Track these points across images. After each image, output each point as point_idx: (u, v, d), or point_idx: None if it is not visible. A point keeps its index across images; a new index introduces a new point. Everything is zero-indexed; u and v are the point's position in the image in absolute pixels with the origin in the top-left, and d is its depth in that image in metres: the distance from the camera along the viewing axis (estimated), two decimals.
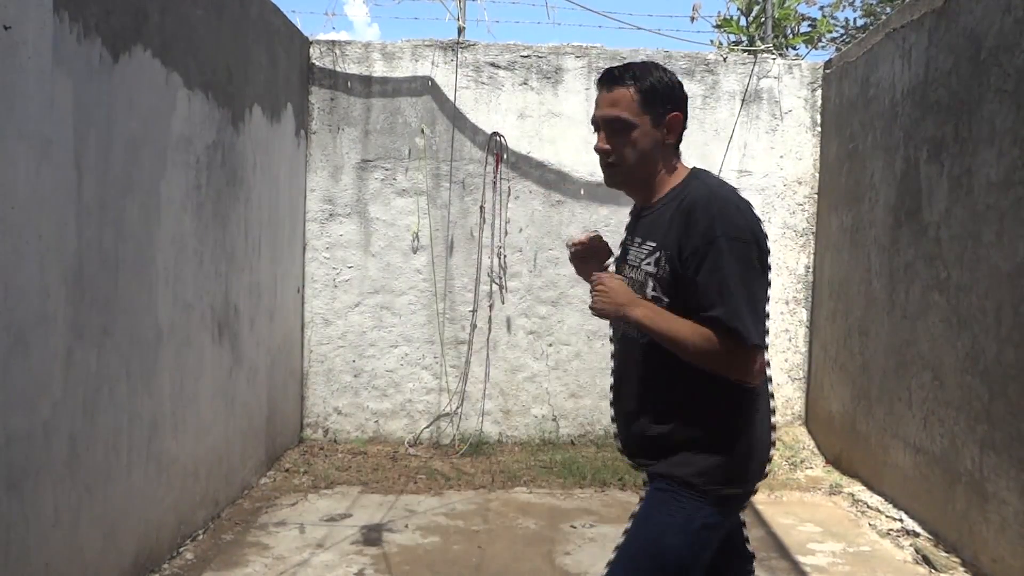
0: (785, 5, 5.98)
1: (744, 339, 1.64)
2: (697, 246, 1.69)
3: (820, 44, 8.14)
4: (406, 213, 5.24)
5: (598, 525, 3.95)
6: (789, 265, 5.39)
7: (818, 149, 5.35)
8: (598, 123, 1.86)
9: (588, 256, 1.99)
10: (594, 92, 5.25)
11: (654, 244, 1.79)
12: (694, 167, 1.94)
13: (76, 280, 2.58)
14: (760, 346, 1.67)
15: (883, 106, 4.35)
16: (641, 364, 1.86)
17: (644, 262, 1.81)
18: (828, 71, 5.27)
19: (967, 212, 3.48)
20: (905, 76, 4.11)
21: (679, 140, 1.91)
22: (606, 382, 5.34)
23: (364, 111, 5.24)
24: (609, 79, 1.84)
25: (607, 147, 1.84)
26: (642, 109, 1.81)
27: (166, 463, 3.28)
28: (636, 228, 1.91)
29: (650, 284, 1.77)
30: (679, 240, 1.72)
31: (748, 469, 1.81)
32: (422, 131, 5.22)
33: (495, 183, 5.25)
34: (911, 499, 3.92)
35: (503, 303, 5.29)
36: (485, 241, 5.26)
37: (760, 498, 4.46)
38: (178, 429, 3.38)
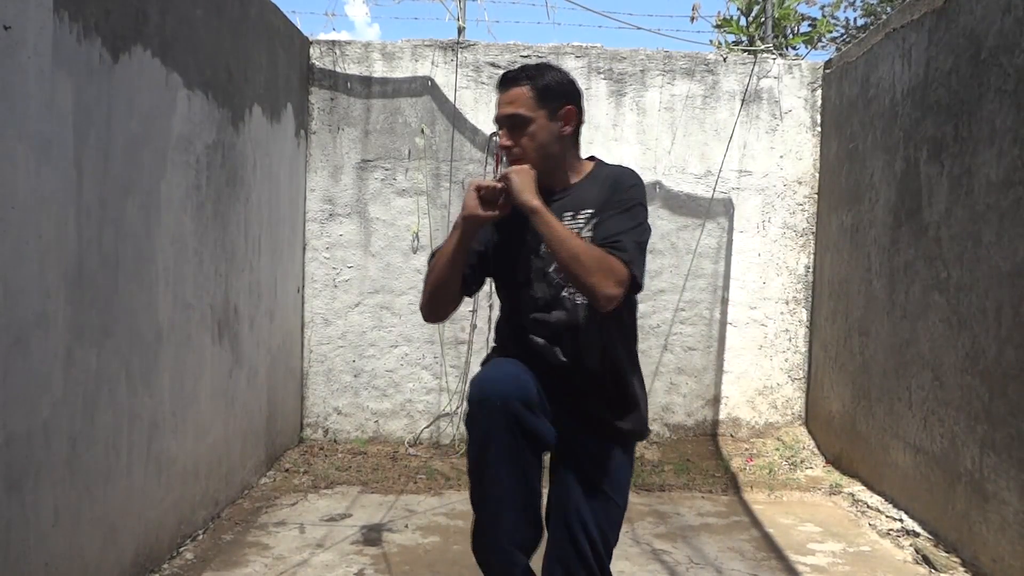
0: (785, 5, 5.98)
1: (628, 263, 1.88)
2: (622, 199, 1.96)
3: (820, 44, 8.14)
4: (406, 213, 5.25)
5: None
6: (789, 265, 5.39)
7: (818, 149, 5.35)
8: (500, 122, 2.00)
9: (492, 200, 1.99)
10: (594, 92, 5.29)
11: (590, 212, 1.99)
12: (593, 156, 2.16)
13: (76, 280, 2.58)
14: (638, 281, 1.92)
15: (883, 106, 4.35)
16: (587, 325, 2.01)
17: (583, 230, 1.98)
18: (828, 71, 5.27)
19: (967, 212, 3.48)
20: (905, 76, 4.11)
21: (577, 131, 2.09)
22: None
23: (364, 111, 5.24)
24: (506, 81, 2.01)
25: (509, 143, 1.99)
26: (538, 105, 1.97)
27: (166, 463, 3.28)
28: (555, 207, 1.99)
29: None
30: (607, 199, 1.96)
31: None
32: (422, 131, 5.23)
33: None
34: (911, 499, 3.92)
35: None
36: None
37: (760, 498, 4.47)
38: (178, 429, 3.38)
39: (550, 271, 2.00)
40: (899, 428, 4.05)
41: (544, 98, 1.98)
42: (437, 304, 2.12)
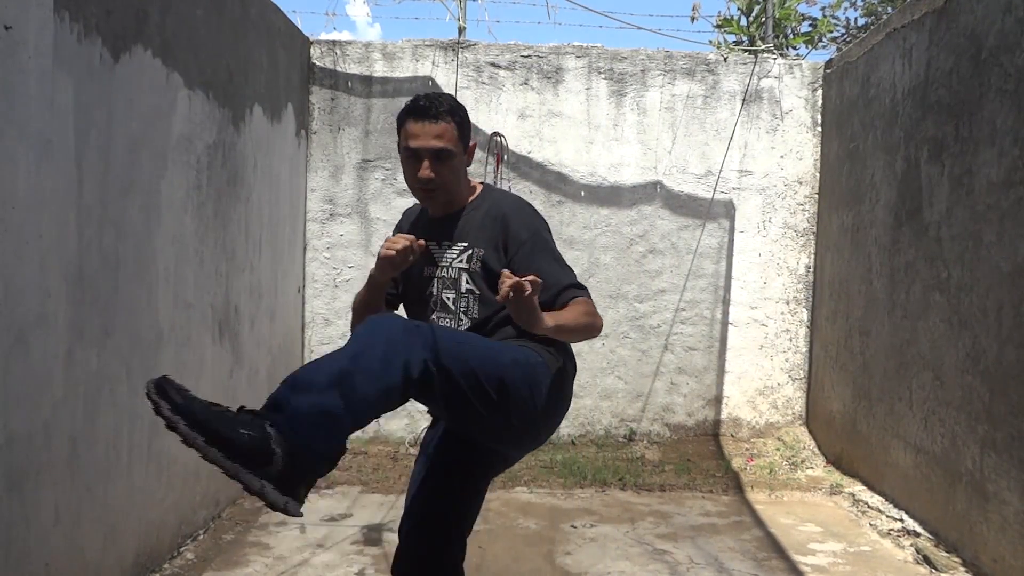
0: (786, 5, 5.98)
1: (583, 291, 2.02)
2: (521, 240, 2.02)
3: (821, 44, 8.12)
4: None
5: (598, 525, 3.95)
6: (789, 265, 5.39)
7: (819, 149, 5.35)
8: (421, 153, 2.01)
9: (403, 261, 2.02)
10: (594, 92, 5.29)
11: (464, 244, 2.06)
12: (483, 182, 2.23)
13: (76, 280, 2.58)
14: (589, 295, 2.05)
15: (884, 106, 4.35)
16: (479, 310, 2.05)
17: (456, 260, 2.06)
18: (829, 71, 5.26)
19: (968, 212, 3.48)
20: (906, 76, 4.11)
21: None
22: (607, 381, 5.34)
23: (365, 111, 5.24)
24: (432, 113, 2.02)
25: (432, 174, 2.01)
26: (458, 140, 2.04)
27: (166, 463, 3.28)
28: (439, 233, 2.10)
29: (464, 278, 2.04)
30: (498, 239, 2.02)
31: None
32: None
33: (495, 183, 5.25)
34: (912, 499, 3.92)
35: None
36: None
37: (760, 498, 4.47)
38: None
39: (426, 293, 2.09)
40: (900, 428, 4.04)
41: (462, 135, 2.07)
42: None
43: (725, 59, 5.37)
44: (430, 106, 2.03)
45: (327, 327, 5.25)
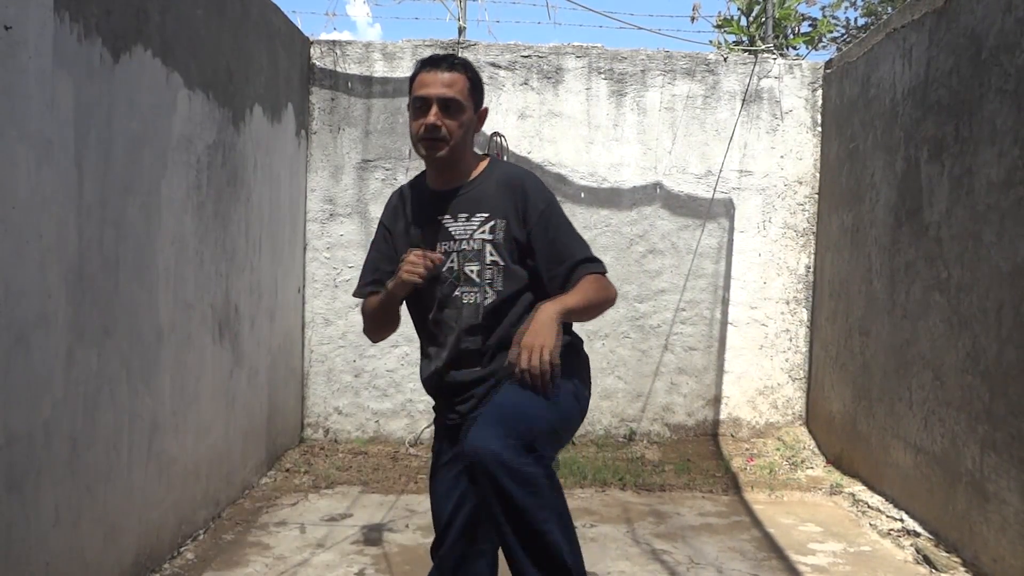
0: (786, 5, 5.98)
1: (604, 267, 2.05)
2: (539, 210, 2.01)
3: (821, 44, 8.13)
4: None
5: (598, 525, 3.95)
6: (789, 265, 5.39)
7: (819, 149, 5.35)
8: (430, 100, 1.96)
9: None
10: (594, 92, 5.29)
11: (485, 215, 2.02)
12: (487, 154, 2.19)
13: (77, 280, 2.58)
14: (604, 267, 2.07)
15: (884, 106, 4.35)
16: (484, 326, 2.04)
17: (478, 231, 2.01)
18: (829, 71, 5.26)
19: (968, 212, 3.48)
20: (906, 76, 4.11)
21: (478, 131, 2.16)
22: (606, 381, 5.34)
23: (365, 111, 5.24)
24: (444, 63, 2.00)
25: (438, 123, 1.96)
26: (469, 96, 2.01)
27: (167, 463, 3.28)
28: (452, 206, 2.05)
29: (488, 250, 2.00)
30: (516, 209, 2.00)
31: None
32: None
33: None
34: (912, 499, 3.92)
35: None
36: None
37: (761, 498, 4.47)
38: (179, 429, 3.39)
39: (444, 270, 2.04)
40: (900, 428, 4.05)
41: (474, 92, 2.04)
42: (383, 337, 2.32)
43: (725, 59, 5.37)
44: (443, 58, 2.02)
45: (327, 327, 5.25)
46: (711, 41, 6.98)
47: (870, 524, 4.01)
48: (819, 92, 5.34)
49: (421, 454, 5.06)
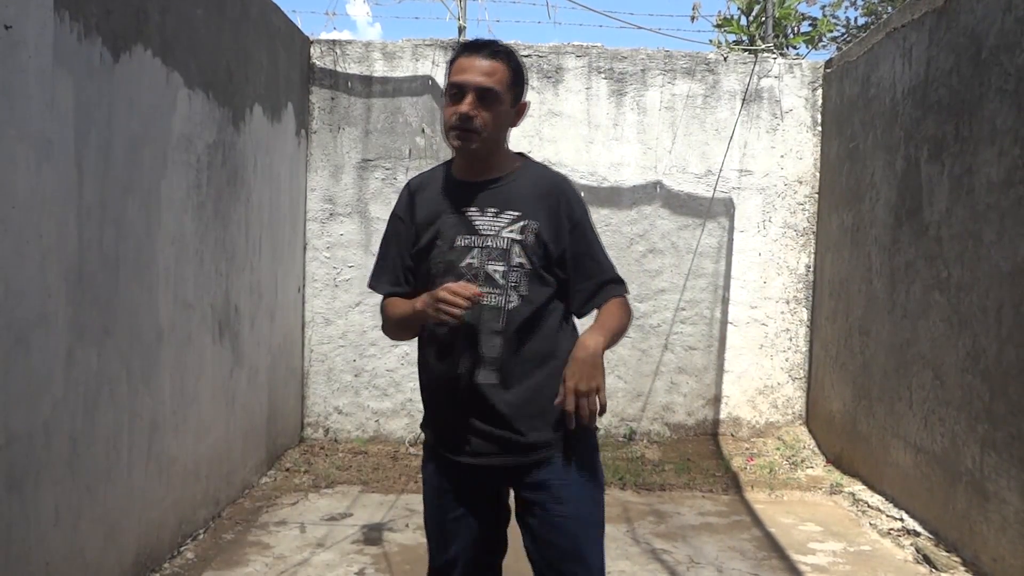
0: (786, 5, 5.98)
1: (627, 289, 1.99)
2: (575, 220, 1.91)
3: (821, 44, 8.13)
4: None
5: None
6: (789, 264, 5.39)
7: (819, 148, 5.35)
8: (467, 88, 1.82)
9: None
10: (594, 92, 5.28)
11: (518, 213, 1.87)
12: (520, 152, 2.03)
13: (77, 280, 2.58)
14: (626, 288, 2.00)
15: (884, 105, 4.35)
16: (506, 332, 1.86)
17: (506, 230, 1.87)
18: (829, 70, 5.26)
19: (968, 211, 3.48)
20: (906, 75, 4.10)
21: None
22: (607, 381, 5.33)
23: (365, 111, 5.24)
24: (486, 49, 1.85)
25: (472, 112, 1.81)
26: (509, 87, 1.86)
27: (167, 463, 3.28)
28: (480, 199, 1.90)
29: (516, 250, 1.86)
30: (550, 213, 1.89)
31: None
32: (423, 130, 5.22)
33: None
34: (912, 498, 3.92)
35: None
36: None
37: (761, 497, 4.47)
38: (179, 429, 3.39)
39: (462, 265, 1.87)
40: (900, 427, 4.05)
41: (515, 83, 1.88)
42: (405, 339, 2.21)
43: (725, 59, 5.37)
44: (486, 44, 1.87)
45: (327, 327, 5.25)
46: (711, 41, 6.98)
47: (870, 524, 4.01)
48: (819, 92, 5.34)
49: (421, 454, 5.05)
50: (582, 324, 1.97)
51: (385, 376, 5.28)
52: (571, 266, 1.91)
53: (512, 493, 2.00)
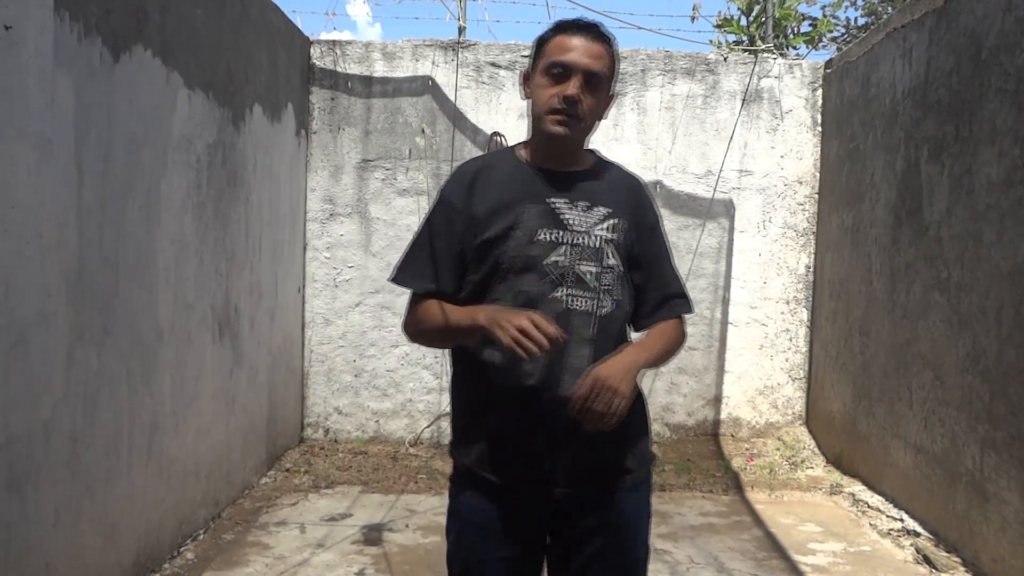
0: (786, 5, 5.98)
1: (692, 307, 1.84)
2: (652, 224, 1.78)
3: (821, 44, 8.12)
4: (407, 213, 5.24)
5: None
6: (789, 265, 5.39)
7: (819, 149, 5.35)
8: (573, 69, 1.63)
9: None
10: None
11: (609, 210, 1.70)
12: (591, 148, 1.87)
13: (77, 280, 2.58)
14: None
15: (884, 106, 4.35)
16: (597, 341, 1.64)
17: (598, 227, 1.69)
18: (829, 71, 5.26)
19: (968, 212, 3.48)
20: (906, 76, 4.10)
21: None
22: None
23: (364, 111, 5.24)
24: (592, 31, 1.66)
25: (580, 97, 1.63)
26: (610, 75, 1.70)
27: (166, 463, 3.28)
28: (568, 190, 1.70)
29: (608, 250, 1.68)
30: (634, 213, 1.74)
31: None
32: (423, 131, 5.22)
33: None
34: (912, 499, 3.92)
35: None
36: None
37: (761, 498, 4.47)
38: (179, 429, 3.39)
39: (546, 263, 1.64)
40: (900, 428, 4.04)
41: (614, 72, 1.71)
42: (435, 348, 1.96)
43: (725, 59, 5.37)
44: (591, 25, 1.68)
45: (327, 327, 5.25)
46: (711, 41, 6.98)
47: (870, 524, 4.01)
48: (819, 92, 5.34)
49: (421, 454, 5.06)
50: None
51: (385, 376, 5.28)
52: (642, 272, 1.75)
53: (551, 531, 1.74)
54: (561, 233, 1.65)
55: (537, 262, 1.63)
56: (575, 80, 1.62)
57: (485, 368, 1.65)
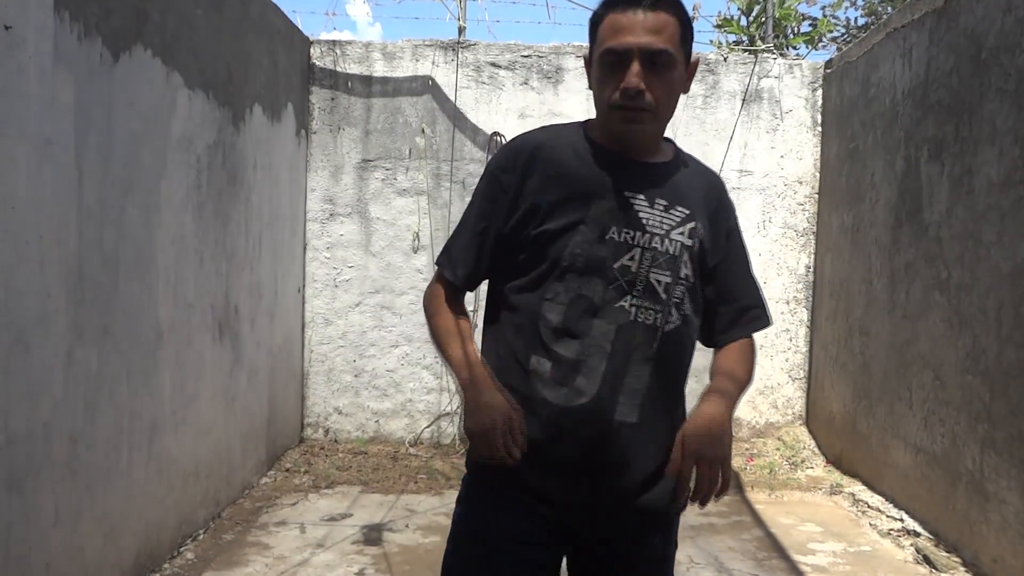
0: (786, 5, 5.98)
1: (768, 313, 1.66)
2: (732, 227, 1.57)
3: (821, 44, 8.12)
4: (407, 213, 5.25)
5: None
6: (789, 265, 5.39)
7: (819, 149, 5.35)
8: (630, 53, 1.36)
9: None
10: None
11: (687, 212, 1.47)
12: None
13: (77, 280, 2.58)
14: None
15: (884, 106, 4.35)
16: (657, 360, 1.48)
17: (676, 231, 1.45)
18: (829, 71, 5.26)
19: (968, 212, 3.48)
20: (906, 76, 4.11)
21: None
22: None
23: (364, 111, 5.24)
24: (648, 1, 1.37)
25: (643, 86, 1.36)
26: (681, 46, 1.40)
27: (167, 463, 3.28)
28: (647, 184, 1.46)
29: (685, 258, 1.46)
30: (714, 217, 1.52)
31: None
32: (423, 131, 5.22)
33: None
34: (912, 499, 3.92)
35: None
36: None
37: (761, 498, 4.47)
38: (179, 429, 3.39)
39: (616, 266, 1.42)
40: (900, 428, 4.05)
41: (686, 38, 1.42)
42: None
43: (725, 59, 5.37)
44: None
45: (327, 327, 5.25)
46: (711, 41, 6.98)
47: (870, 524, 4.01)
48: (819, 92, 5.34)
49: (421, 454, 5.06)
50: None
51: (385, 376, 5.28)
52: (718, 282, 1.56)
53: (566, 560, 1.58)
54: (636, 234, 1.43)
55: (606, 265, 1.41)
56: (635, 66, 1.36)
57: (528, 383, 1.44)
